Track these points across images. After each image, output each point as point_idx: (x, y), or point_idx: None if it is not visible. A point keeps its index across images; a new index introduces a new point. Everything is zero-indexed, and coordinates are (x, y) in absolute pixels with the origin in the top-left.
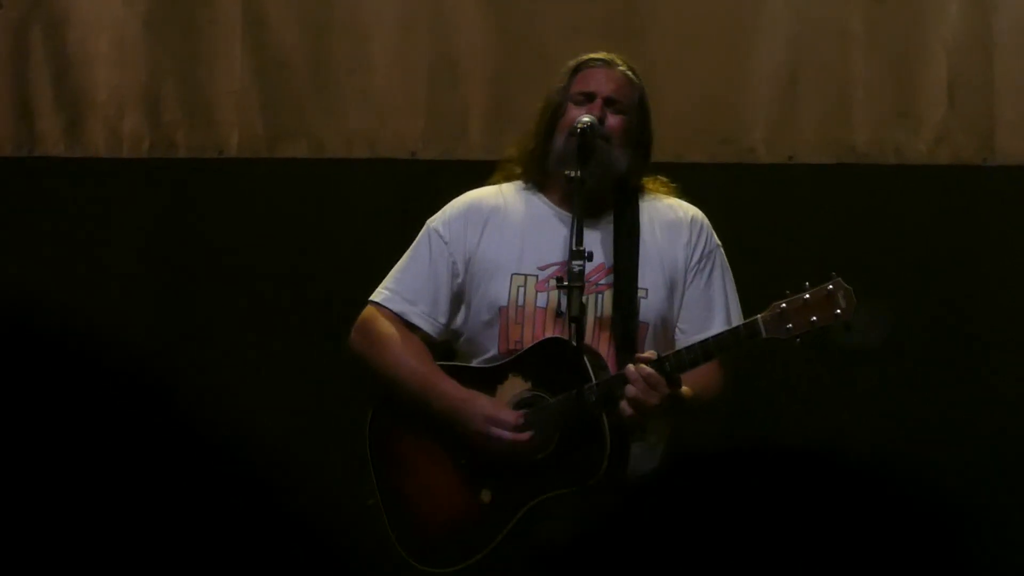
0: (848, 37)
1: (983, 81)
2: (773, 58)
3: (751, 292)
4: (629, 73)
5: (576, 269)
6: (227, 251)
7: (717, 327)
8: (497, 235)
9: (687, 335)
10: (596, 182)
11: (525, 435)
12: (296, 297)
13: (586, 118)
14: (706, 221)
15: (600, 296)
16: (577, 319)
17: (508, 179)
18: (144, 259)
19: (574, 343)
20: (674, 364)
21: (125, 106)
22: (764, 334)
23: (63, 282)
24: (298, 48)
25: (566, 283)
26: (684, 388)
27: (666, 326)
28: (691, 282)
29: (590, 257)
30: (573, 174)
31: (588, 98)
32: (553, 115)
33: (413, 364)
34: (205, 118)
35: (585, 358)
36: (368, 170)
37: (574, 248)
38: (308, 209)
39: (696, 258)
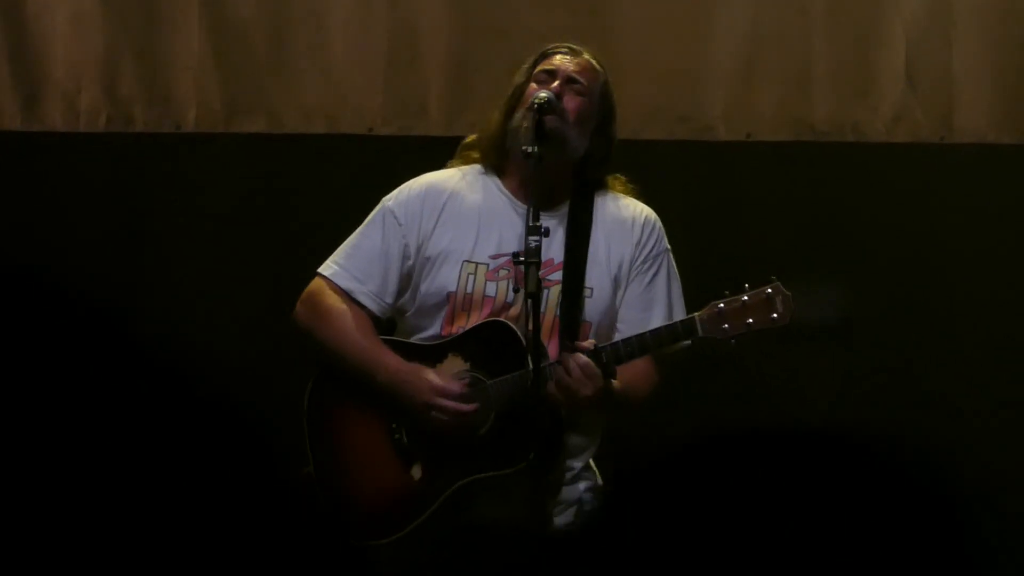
0: (807, 16)
1: (941, 60)
2: (732, 36)
3: (709, 269)
4: (594, 62)
5: (533, 244)
6: (184, 226)
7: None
8: (453, 222)
9: (623, 334)
10: (553, 163)
11: (471, 406)
12: (253, 272)
13: (543, 94)
14: (659, 223)
15: (547, 291)
16: (534, 295)
17: (466, 164)
18: (101, 232)
19: (530, 319)
20: (611, 356)
21: (82, 81)
22: (700, 332)
23: (19, 255)
24: (256, 24)
25: (522, 259)
26: (615, 382)
27: (610, 325)
28: (633, 280)
29: (546, 233)
30: (530, 149)
31: (550, 75)
32: (514, 95)
33: (357, 337)
34: (162, 93)
35: (526, 343)
36: (326, 146)
37: (530, 224)
38: (266, 184)
39: (642, 258)
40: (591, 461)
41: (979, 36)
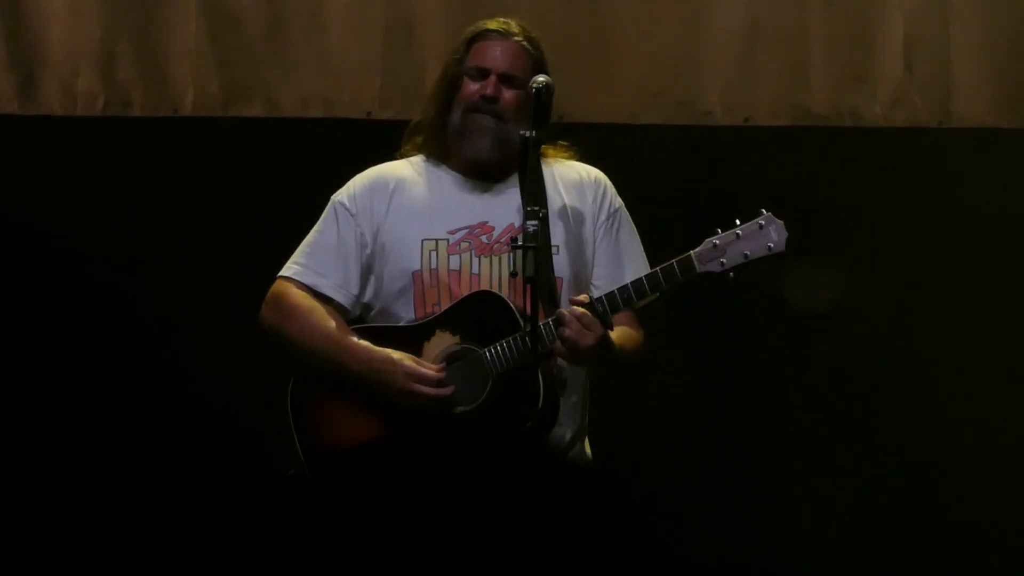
0: (805, 1)
1: (939, 44)
2: (730, 20)
3: None
4: (524, 43)
5: (531, 229)
6: (182, 210)
7: (629, 280)
8: (405, 204)
9: (601, 291)
10: (494, 156)
11: (447, 389)
12: (250, 257)
13: (541, 77)
14: (608, 182)
15: (513, 255)
16: (532, 279)
17: (414, 149)
18: (98, 216)
19: (527, 303)
20: (607, 304)
21: (79, 64)
22: (698, 269)
23: (15, 239)
24: (253, 7)
25: (520, 244)
26: (614, 334)
27: (579, 281)
28: (600, 239)
29: (544, 218)
30: (528, 134)
31: (482, 74)
32: (450, 87)
33: (327, 330)
34: (160, 77)
35: (514, 308)
36: (324, 130)
37: (527, 208)
38: (264, 169)
39: (603, 217)
40: (585, 442)
41: (977, 21)
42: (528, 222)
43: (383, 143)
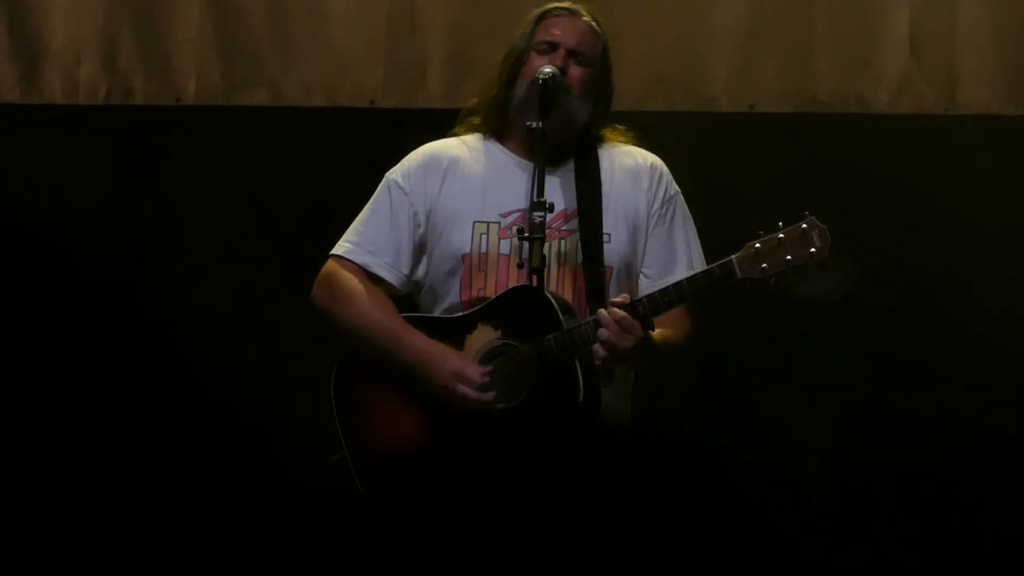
0: None
1: (945, 31)
2: (735, 6)
3: (712, 241)
4: (593, 24)
5: (537, 220)
6: (184, 200)
7: (680, 271)
8: (458, 184)
9: (652, 280)
10: (557, 133)
11: (489, 395)
12: (254, 246)
13: (547, 69)
14: (665, 168)
15: (563, 242)
16: (538, 270)
17: (469, 130)
18: (101, 206)
19: (539, 284)
20: (648, 307)
21: (82, 53)
22: (739, 274)
23: (18, 229)
24: None
25: (527, 234)
26: (656, 331)
27: (629, 270)
28: (654, 228)
29: (551, 208)
30: (534, 125)
31: (551, 47)
32: (516, 63)
33: (378, 316)
34: (162, 65)
35: (555, 304)
36: (327, 119)
37: (535, 199)
38: (266, 158)
39: (657, 204)
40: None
41: (984, 7)
42: (535, 213)
43: (386, 132)
